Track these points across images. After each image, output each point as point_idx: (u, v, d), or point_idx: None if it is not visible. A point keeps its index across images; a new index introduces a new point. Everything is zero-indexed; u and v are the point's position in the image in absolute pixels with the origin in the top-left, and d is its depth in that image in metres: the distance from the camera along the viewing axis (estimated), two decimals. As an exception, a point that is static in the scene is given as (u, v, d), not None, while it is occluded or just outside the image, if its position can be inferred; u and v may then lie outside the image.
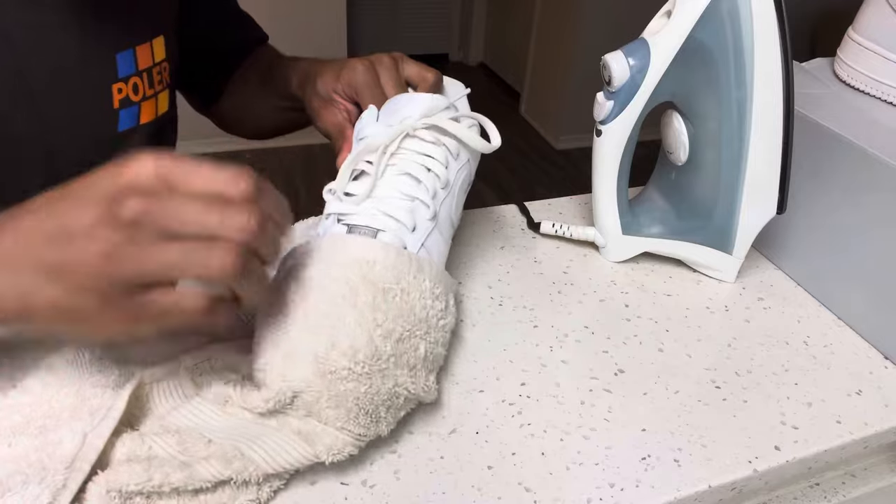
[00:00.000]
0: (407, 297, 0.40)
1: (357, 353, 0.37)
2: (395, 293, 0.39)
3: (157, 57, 0.58)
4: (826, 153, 0.53)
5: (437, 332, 0.41)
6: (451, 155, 0.46)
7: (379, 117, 0.48)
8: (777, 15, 0.47)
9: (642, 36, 0.51)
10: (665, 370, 0.48)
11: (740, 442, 0.43)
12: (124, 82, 0.55)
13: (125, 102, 0.55)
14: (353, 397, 0.37)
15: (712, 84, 0.50)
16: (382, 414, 0.38)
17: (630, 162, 0.55)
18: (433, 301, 0.41)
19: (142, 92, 0.57)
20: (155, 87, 0.58)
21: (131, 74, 0.55)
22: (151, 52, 0.57)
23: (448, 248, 0.47)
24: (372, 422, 0.38)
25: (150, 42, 0.57)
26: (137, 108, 0.57)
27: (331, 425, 0.37)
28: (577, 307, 0.53)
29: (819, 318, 0.55)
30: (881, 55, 0.56)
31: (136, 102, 0.56)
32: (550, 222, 0.61)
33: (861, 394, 0.47)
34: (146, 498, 0.34)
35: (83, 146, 0.54)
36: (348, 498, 0.37)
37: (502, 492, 0.38)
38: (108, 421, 0.37)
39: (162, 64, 0.58)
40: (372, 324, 0.38)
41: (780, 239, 0.59)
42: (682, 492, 0.39)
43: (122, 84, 0.55)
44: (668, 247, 0.58)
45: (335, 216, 0.44)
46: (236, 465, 0.35)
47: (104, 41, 0.53)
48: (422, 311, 0.40)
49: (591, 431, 0.42)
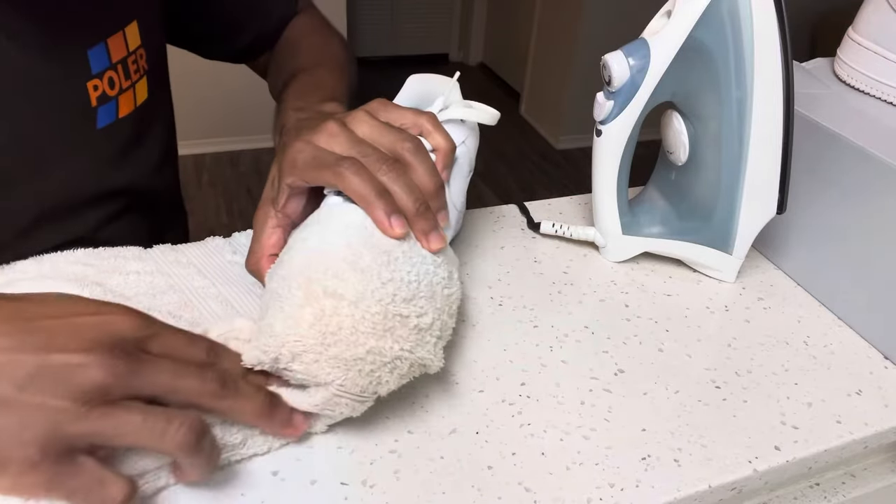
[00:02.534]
0: (410, 262, 0.39)
1: (362, 312, 0.36)
2: (398, 256, 0.39)
3: (132, 45, 0.55)
4: (826, 153, 0.53)
5: (443, 300, 0.41)
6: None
7: None
8: (777, 15, 0.47)
9: (642, 36, 0.51)
10: (665, 370, 0.48)
11: (740, 442, 0.43)
12: (99, 78, 0.52)
13: (102, 99, 0.53)
14: (355, 357, 0.36)
15: (712, 84, 0.50)
16: (385, 377, 0.38)
17: (630, 162, 0.55)
18: (436, 268, 0.41)
19: (118, 85, 0.54)
20: (131, 77, 0.55)
21: (106, 69, 0.53)
22: (125, 41, 0.54)
23: (453, 232, 0.47)
24: (372, 383, 0.37)
25: (123, 30, 0.54)
26: (115, 103, 0.54)
27: (332, 386, 0.37)
28: (577, 307, 0.53)
29: (819, 318, 0.55)
30: (881, 55, 0.56)
31: (113, 97, 0.54)
32: (550, 222, 0.61)
33: (861, 394, 0.47)
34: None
35: (64, 148, 0.53)
36: (348, 498, 0.37)
37: (502, 492, 0.38)
38: None
39: (137, 51, 0.55)
40: (377, 283, 0.37)
41: (780, 239, 0.59)
42: (682, 492, 0.39)
43: (98, 80, 0.52)
44: (668, 247, 0.58)
45: (332, 190, 0.43)
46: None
47: (72, 39, 0.51)
48: (425, 276, 0.40)
49: (591, 431, 0.42)
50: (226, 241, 0.55)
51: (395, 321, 0.37)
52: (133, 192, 0.60)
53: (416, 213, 0.41)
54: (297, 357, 0.36)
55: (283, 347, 0.36)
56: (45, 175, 0.53)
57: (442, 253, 0.42)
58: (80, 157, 0.55)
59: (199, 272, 0.50)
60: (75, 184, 0.56)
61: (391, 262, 0.39)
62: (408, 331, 0.38)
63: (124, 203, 0.60)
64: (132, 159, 0.59)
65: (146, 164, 0.61)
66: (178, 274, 0.50)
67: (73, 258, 0.49)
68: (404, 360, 0.38)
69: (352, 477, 0.38)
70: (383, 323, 0.37)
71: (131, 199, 0.61)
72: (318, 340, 0.36)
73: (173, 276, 0.49)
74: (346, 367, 0.36)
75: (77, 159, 0.55)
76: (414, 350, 0.38)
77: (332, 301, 0.37)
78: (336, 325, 0.36)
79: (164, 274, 0.50)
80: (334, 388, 0.37)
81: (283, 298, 0.38)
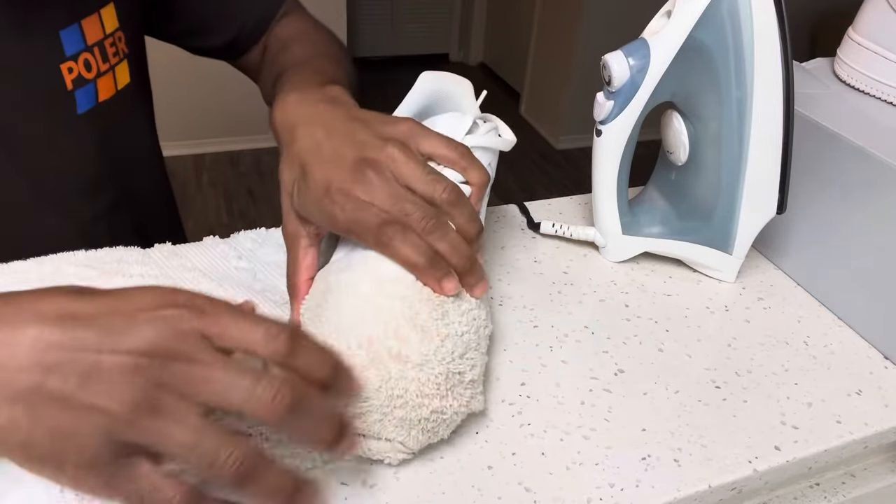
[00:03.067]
0: (460, 310, 0.40)
1: (427, 375, 0.37)
2: (449, 308, 0.39)
3: (109, 27, 0.54)
4: (826, 153, 0.53)
5: (485, 341, 0.41)
6: None
7: None
8: (777, 15, 0.47)
9: (642, 36, 0.51)
10: (665, 370, 0.48)
11: (740, 442, 0.43)
12: (73, 60, 0.51)
13: (79, 82, 0.52)
14: (419, 418, 0.37)
15: (712, 84, 0.50)
16: (442, 432, 0.38)
17: (630, 162, 0.55)
18: (479, 311, 0.41)
19: (95, 68, 0.53)
20: (110, 59, 0.54)
21: (80, 51, 0.51)
22: (101, 24, 0.53)
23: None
24: (430, 438, 0.38)
25: (98, 12, 0.53)
26: (93, 86, 0.53)
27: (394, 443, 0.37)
28: (577, 307, 0.53)
29: (819, 318, 0.55)
30: (881, 55, 0.56)
31: (91, 80, 0.53)
32: (550, 222, 0.61)
33: (861, 394, 0.47)
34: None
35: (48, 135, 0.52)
36: (348, 498, 0.37)
37: (502, 492, 0.38)
38: None
39: (115, 34, 0.54)
40: (437, 341, 0.38)
41: (780, 239, 0.59)
42: (682, 492, 0.39)
43: (72, 63, 0.51)
44: (668, 247, 0.58)
45: None
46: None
47: (43, 19, 0.50)
48: (473, 323, 0.40)
49: (591, 431, 0.42)
50: (228, 245, 0.55)
51: (455, 379, 0.38)
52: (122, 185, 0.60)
53: (465, 271, 0.40)
54: (361, 417, 0.36)
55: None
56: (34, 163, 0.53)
57: None
58: (63, 144, 0.54)
59: (205, 276, 0.50)
60: (64, 171, 0.55)
61: (445, 316, 0.39)
62: (463, 387, 0.39)
63: (113, 197, 0.59)
64: (117, 148, 0.58)
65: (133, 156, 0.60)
66: (183, 278, 0.50)
67: (75, 259, 0.49)
68: (460, 415, 0.39)
69: (352, 477, 0.38)
70: (445, 383, 0.37)
71: (120, 194, 0.60)
72: (383, 402, 0.36)
73: (178, 281, 0.49)
74: (409, 426, 0.37)
75: (61, 146, 0.54)
76: (469, 404, 0.39)
77: (397, 365, 0.37)
78: (402, 388, 0.36)
79: (169, 278, 0.49)
80: (396, 445, 0.37)
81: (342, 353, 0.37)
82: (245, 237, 0.55)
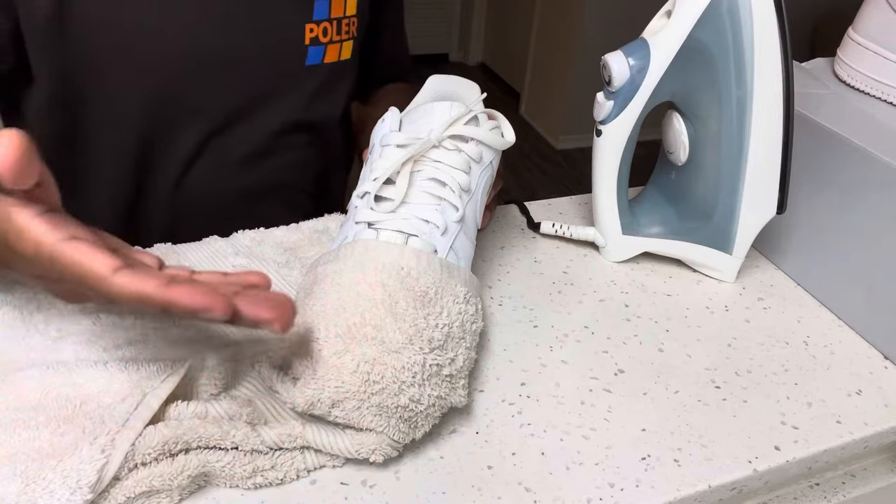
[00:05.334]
0: (442, 303, 0.40)
1: (402, 362, 0.37)
2: (431, 299, 0.39)
3: (349, 11, 0.68)
4: (826, 153, 0.53)
5: (471, 336, 0.42)
6: (474, 160, 0.46)
7: (402, 125, 0.47)
8: (777, 15, 0.47)
9: (642, 36, 0.51)
10: (665, 370, 0.48)
11: (740, 442, 0.43)
12: (316, 24, 0.65)
13: (314, 41, 0.66)
14: (396, 405, 0.37)
15: (712, 84, 0.50)
16: (420, 422, 0.38)
17: (630, 162, 0.55)
18: (465, 305, 0.41)
19: (330, 36, 0.67)
20: (342, 34, 0.68)
21: (323, 19, 0.66)
22: (344, 6, 0.67)
23: (473, 249, 0.47)
24: (410, 429, 0.38)
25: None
26: (323, 49, 0.67)
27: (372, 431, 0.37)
28: (577, 307, 0.53)
29: (819, 318, 0.55)
30: (881, 55, 0.56)
31: (324, 44, 0.67)
32: (550, 222, 0.61)
33: (861, 394, 0.47)
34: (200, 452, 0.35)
35: (271, 72, 0.65)
36: (348, 498, 0.37)
37: (502, 492, 0.38)
38: (167, 384, 0.37)
39: (351, 18, 0.68)
40: (413, 330, 0.38)
41: (780, 239, 0.59)
42: (682, 492, 0.39)
43: (314, 25, 0.65)
44: (668, 247, 0.58)
45: (365, 223, 0.43)
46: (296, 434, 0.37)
47: None
48: (457, 317, 0.40)
49: (591, 431, 0.42)
50: (227, 242, 0.55)
51: (432, 370, 0.38)
52: (318, 131, 0.72)
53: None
54: (337, 404, 0.36)
55: (324, 392, 0.36)
56: (249, 90, 0.65)
57: (471, 286, 0.43)
58: (289, 88, 0.67)
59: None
60: (279, 112, 0.67)
61: (425, 306, 0.39)
62: (440, 379, 0.39)
63: (307, 139, 0.71)
64: (325, 103, 0.71)
65: (332, 114, 0.72)
66: None
67: None
68: (438, 407, 0.39)
69: (352, 477, 0.38)
70: (422, 372, 0.37)
71: (314, 137, 0.72)
72: (360, 387, 0.36)
73: None
74: (388, 414, 0.37)
75: (282, 88, 0.67)
76: (449, 396, 0.39)
77: (373, 349, 0.37)
78: (378, 373, 0.36)
79: None
80: (381, 437, 0.37)
81: (321, 340, 0.38)
82: (244, 236, 0.56)
